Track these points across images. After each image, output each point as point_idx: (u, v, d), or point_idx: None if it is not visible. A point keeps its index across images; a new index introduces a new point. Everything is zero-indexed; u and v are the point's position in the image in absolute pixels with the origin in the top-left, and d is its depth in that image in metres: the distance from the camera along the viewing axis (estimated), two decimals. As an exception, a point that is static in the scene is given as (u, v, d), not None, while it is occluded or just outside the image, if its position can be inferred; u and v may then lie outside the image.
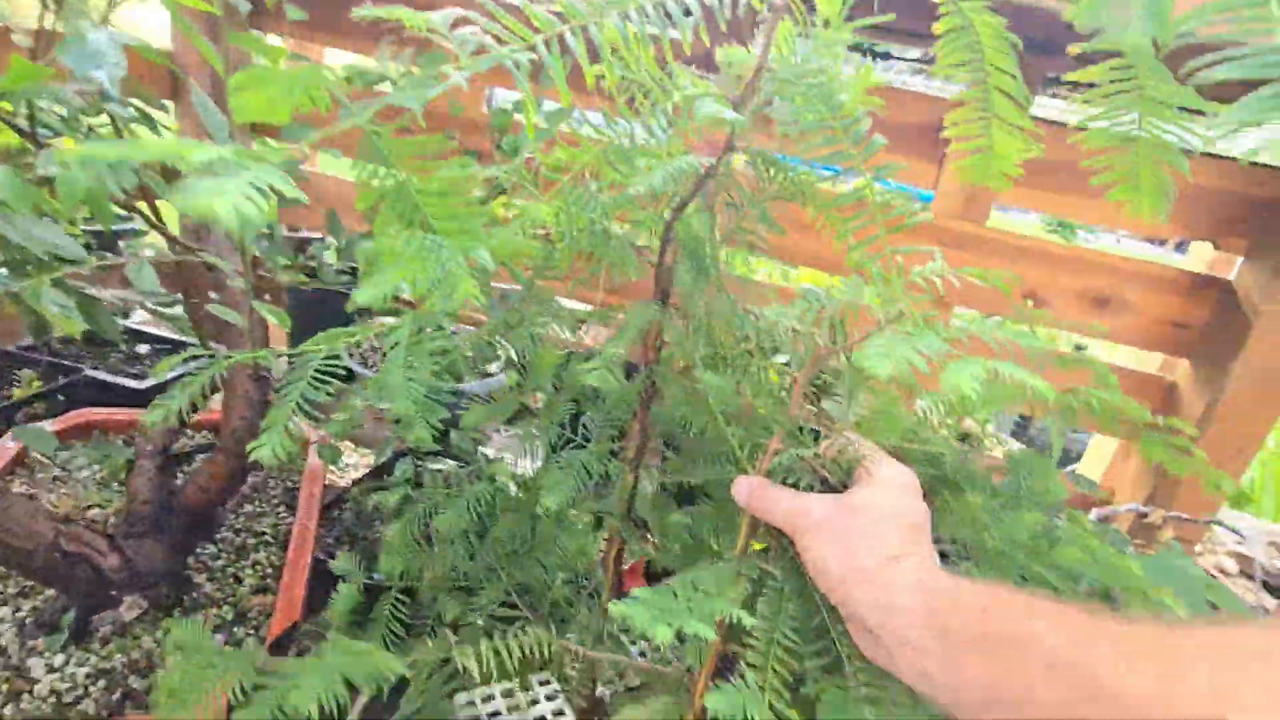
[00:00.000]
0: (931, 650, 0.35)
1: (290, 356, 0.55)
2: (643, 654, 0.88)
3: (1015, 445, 1.74)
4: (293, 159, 0.33)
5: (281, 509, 1.00)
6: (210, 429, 1.10)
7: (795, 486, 0.50)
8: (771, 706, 0.41)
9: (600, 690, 0.76)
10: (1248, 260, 1.33)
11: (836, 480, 0.49)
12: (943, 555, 0.51)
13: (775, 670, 0.44)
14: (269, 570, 0.86)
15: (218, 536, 0.89)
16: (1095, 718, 0.29)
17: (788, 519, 0.45)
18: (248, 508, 0.98)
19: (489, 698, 0.75)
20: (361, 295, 0.47)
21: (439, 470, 0.94)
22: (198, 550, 0.85)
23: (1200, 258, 1.47)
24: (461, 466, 1.09)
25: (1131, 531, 1.35)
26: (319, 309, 1.33)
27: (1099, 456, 1.57)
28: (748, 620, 0.42)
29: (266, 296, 0.78)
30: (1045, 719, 0.30)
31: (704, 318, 0.67)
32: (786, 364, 0.66)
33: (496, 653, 0.51)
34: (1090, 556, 0.49)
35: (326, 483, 1.31)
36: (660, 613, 0.39)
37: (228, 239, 0.79)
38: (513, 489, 1.06)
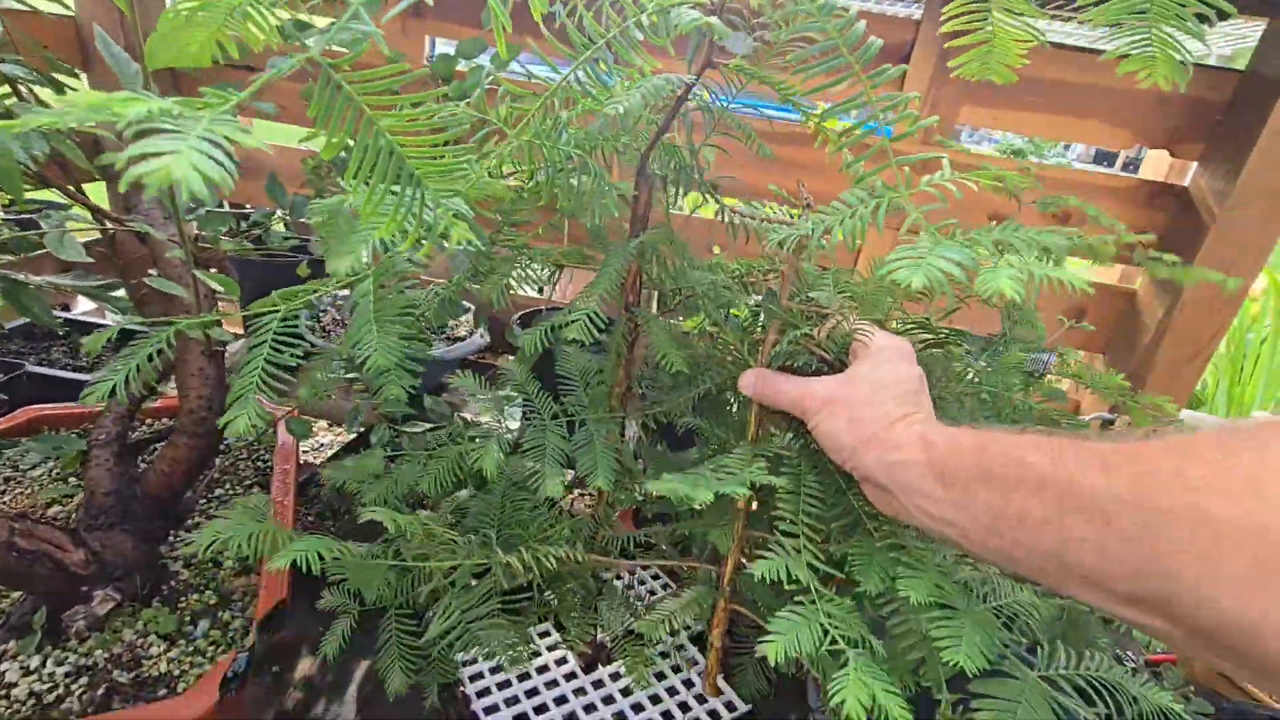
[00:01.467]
0: (938, 494, 0.39)
1: (247, 321, 0.51)
2: (640, 599, 0.88)
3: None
4: (243, 100, 0.29)
5: (255, 489, 0.96)
6: (169, 415, 1.05)
7: (796, 371, 0.53)
8: (809, 566, 0.46)
9: (601, 637, 0.76)
10: (1202, 166, 1.35)
11: (834, 358, 0.52)
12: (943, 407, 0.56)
13: (806, 535, 0.48)
14: (248, 552, 0.83)
15: (191, 522, 0.85)
16: (1079, 522, 0.31)
17: (796, 402, 0.48)
18: (219, 491, 0.94)
19: (490, 654, 0.74)
20: (338, 264, 0.43)
21: (418, 433, 0.91)
22: (170, 538, 0.81)
23: (1156, 169, 1.49)
24: (438, 429, 1.06)
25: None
26: (272, 281, 1.26)
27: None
28: (777, 481, 0.46)
29: (211, 270, 0.73)
30: (1045, 533, 0.33)
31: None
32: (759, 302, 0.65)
33: (537, 559, 0.54)
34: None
35: (303, 462, 1.27)
36: (698, 482, 0.43)
37: (159, 208, 0.73)
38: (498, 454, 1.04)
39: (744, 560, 0.62)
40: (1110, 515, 0.30)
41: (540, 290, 0.71)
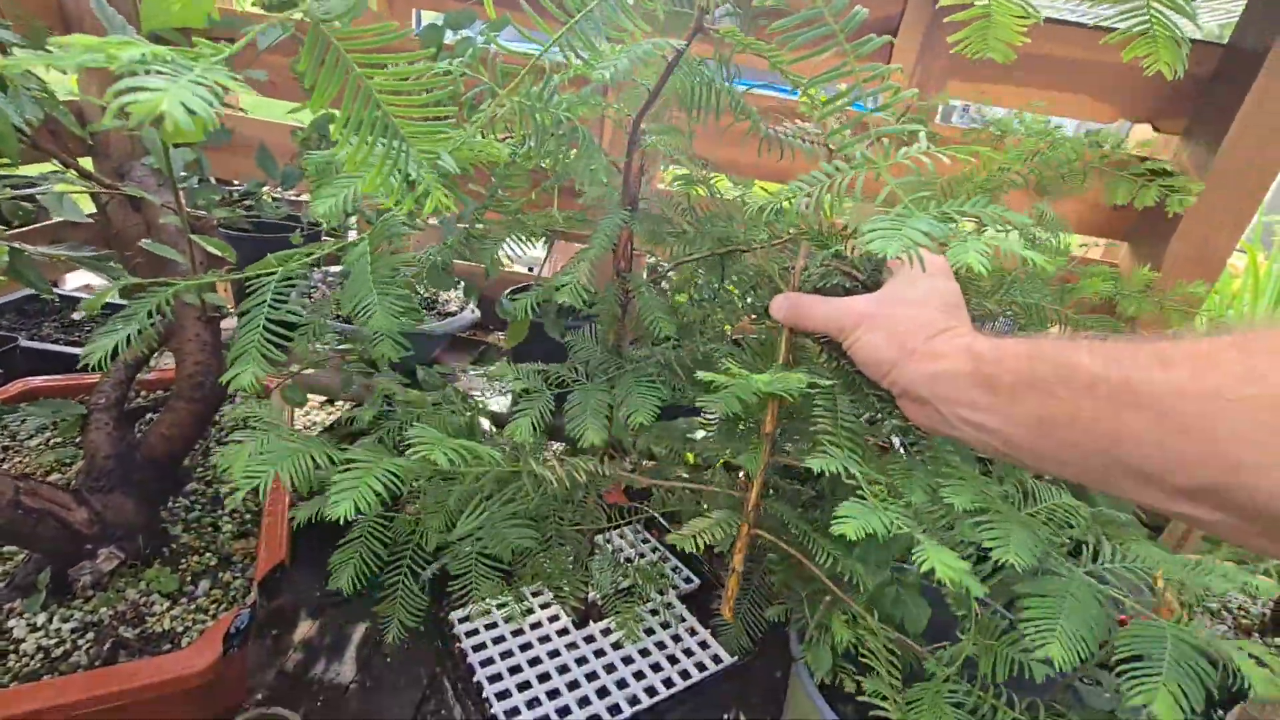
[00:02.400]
0: (982, 403, 0.38)
1: (244, 285, 0.52)
2: (629, 559, 0.91)
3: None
4: (234, 52, 0.30)
5: (250, 457, 0.97)
6: (164, 388, 1.06)
7: (828, 294, 0.51)
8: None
9: (592, 595, 0.79)
10: (1184, 139, 1.37)
11: (867, 277, 0.52)
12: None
13: (847, 445, 0.49)
14: (248, 516, 0.85)
15: (188, 489, 0.86)
16: (1134, 418, 0.31)
17: (831, 321, 0.47)
18: (214, 458, 0.95)
19: (486, 611, 0.77)
20: (319, 206, 0.44)
21: (409, 403, 0.92)
22: (169, 503, 0.83)
23: (1143, 137, 1.51)
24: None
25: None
26: (264, 253, 1.26)
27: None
28: (823, 382, 0.46)
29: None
30: (1097, 432, 0.32)
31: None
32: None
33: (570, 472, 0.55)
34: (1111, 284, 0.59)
35: (298, 427, 1.28)
36: (735, 390, 0.44)
37: (153, 175, 0.74)
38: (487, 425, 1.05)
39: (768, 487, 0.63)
40: (1169, 409, 0.30)
41: (530, 269, 0.73)
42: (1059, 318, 0.61)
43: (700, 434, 0.82)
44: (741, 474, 0.64)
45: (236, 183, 1.51)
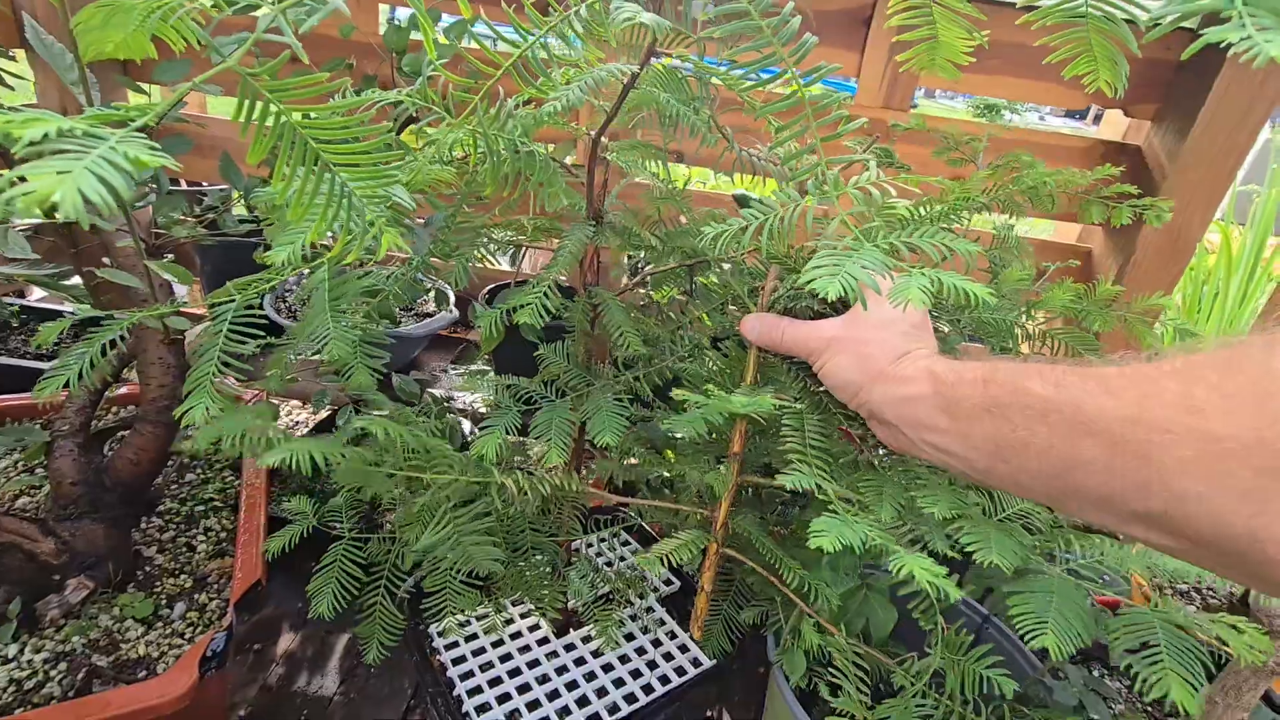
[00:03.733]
0: (943, 425, 0.39)
1: (210, 308, 0.51)
2: (609, 564, 0.91)
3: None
4: (163, 112, 0.29)
5: (227, 473, 0.97)
6: (133, 403, 1.04)
7: (796, 316, 0.53)
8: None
9: (572, 603, 0.79)
10: (1155, 125, 1.38)
11: (836, 299, 0.52)
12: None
13: (816, 462, 0.49)
14: (223, 534, 0.84)
15: (162, 508, 0.86)
16: (1087, 445, 0.32)
17: (801, 344, 0.49)
18: (189, 476, 0.94)
19: (465, 624, 0.77)
20: (277, 255, 0.44)
21: (383, 414, 0.92)
22: (142, 525, 0.82)
23: (1115, 128, 1.51)
24: (408, 406, 1.07)
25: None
26: (233, 263, 1.24)
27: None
28: (798, 405, 0.48)
29: (169, 256, 0.72)
30: (1052, 457, 0.33)
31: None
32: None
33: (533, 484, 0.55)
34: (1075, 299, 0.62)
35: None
36: (705, 411, 0.45)
37: (109, 192, 0.72)
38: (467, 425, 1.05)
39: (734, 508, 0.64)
40: (1118, 436, 0.30)
41: (513, 261, 0.72)
42: (1026, 334, 0.63)
43: (681, 434, 0.83)
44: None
45: (205, 185, 1.48)
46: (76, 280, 0.74)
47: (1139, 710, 0.86)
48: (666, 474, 0.80)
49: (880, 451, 0.55)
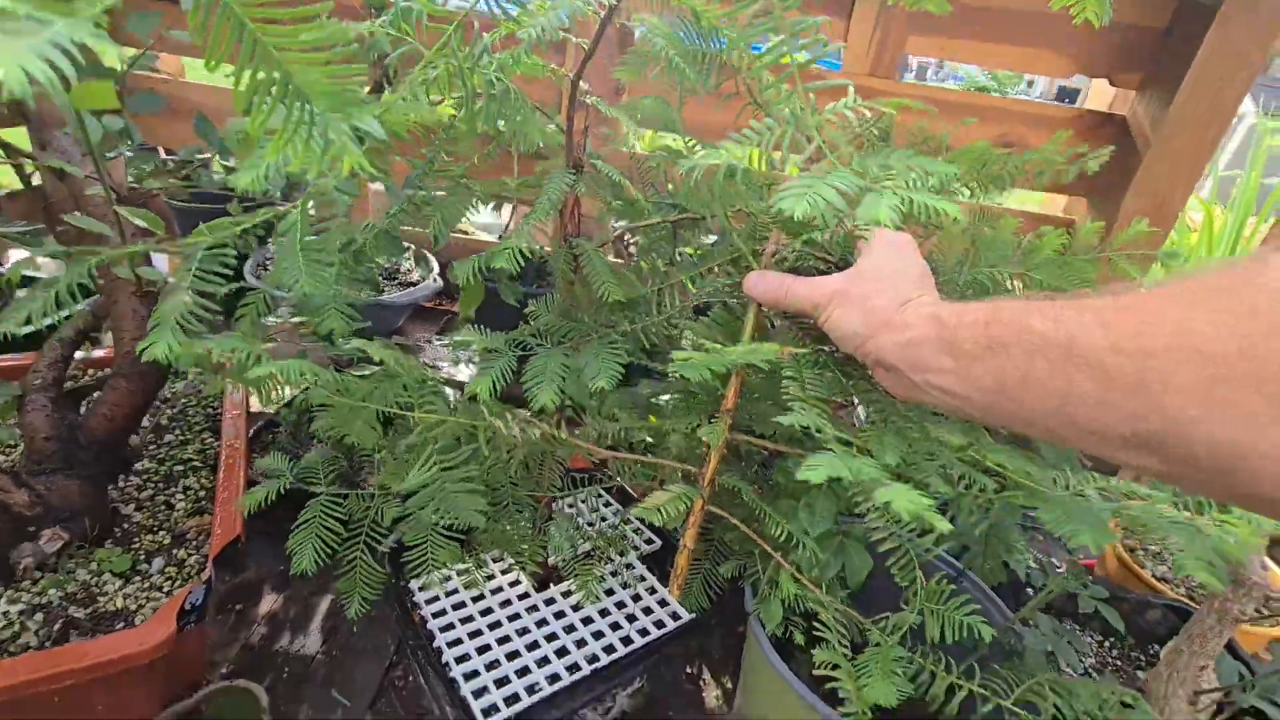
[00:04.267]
0: (947, 366, 0.40)
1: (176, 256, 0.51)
2: (590, 524, 0.92)
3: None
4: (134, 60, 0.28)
5: (206, 434, 0.96)
6: (110, 366, 1.03)
7: (800, 274, 0.53)
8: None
9: (553, 559, 0.80)
10: (1140, 94, 1.38)
11: (838, 259, 0.54)
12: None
13: (815, 407, 0.50)
14: (202, 493, 0.84)
15: (140, 467, 0.85)
16: (1081, 378, 0.32)
17: (805, 298, 0.49)
18: (168, 437, 0.93)
19: (446, 579, 0.78)
20: (242, 179, 0.43)
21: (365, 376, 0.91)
22: (120, 483, 0.81)
23: (1103, 100, 1.51)
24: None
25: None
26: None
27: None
28: (801, 350, 0.48)
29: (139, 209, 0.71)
30: (1049, 391, 0.34)
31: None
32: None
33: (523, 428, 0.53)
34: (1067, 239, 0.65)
35: (255, 411, 1.26)
36: (709, 360, 0.45)
37: (76, 146, 0.70)
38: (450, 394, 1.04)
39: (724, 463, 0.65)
40: (1111, 366, 0.31)
41: (500, 237, 0.71)
42: (1024, 283, 0.64)
43: (665, 398, 0.83)
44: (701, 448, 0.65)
45: (181, 152, 1.46)
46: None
47: (1108, 664, 0.88)
48: (649, 438, 0.81)
49: (876, 409, 0.56)
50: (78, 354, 0.96)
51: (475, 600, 0.76)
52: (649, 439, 0.84)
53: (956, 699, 0.56)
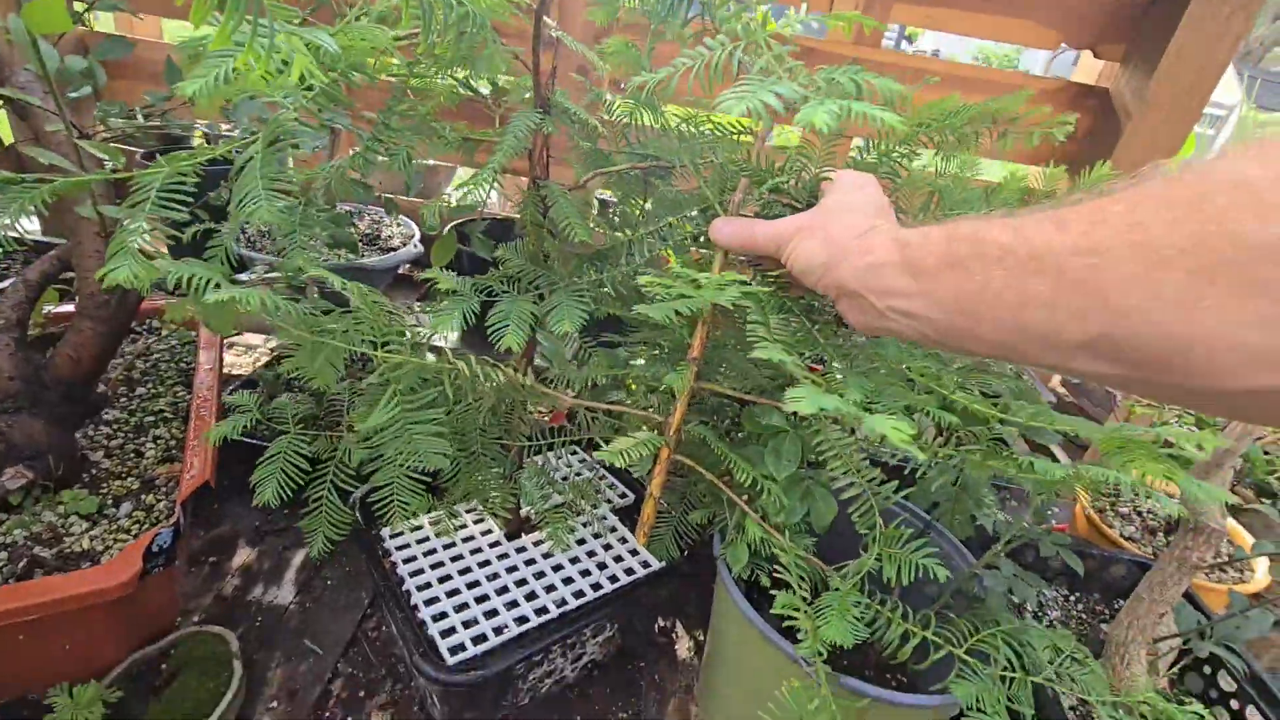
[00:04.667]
0: (910, 289, 0.40)
1: (129, 185, 0.50)
2: (564, 478, 0.92)
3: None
4: None
5: (179, 388, 0.96)
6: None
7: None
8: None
9: (525, 510, 0.80)
10: (1124, 66, 1.38)
11: (804, 205, 0.54)
12: None
13: (780, 345, 0.49)
14: (173, 443, 0.84)
15: (110, 417, 0.85)
16: (1035, 281, 0.32)
17: (771, 239, 0.50)
18: (140, 390, 0.93)
19: (417, 527, 0.78)
20: (189, 87, 0.42)
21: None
22: (89, 430, 0.81)
23: (1089, 74, 1.51)
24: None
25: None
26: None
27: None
28: (761, 290, 0.47)
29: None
30: (1005, 301, 0.34)
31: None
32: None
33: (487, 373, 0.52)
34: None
35: (236, 373, 1.25)
36: (675, 302, 0.45)
37: (38, 81, 0.69)
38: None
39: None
40: (1065, 267, 0.31)
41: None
42: None
43: (640, 361, 0.83)
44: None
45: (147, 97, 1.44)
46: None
47: (1072, 617, 0.89)
48: (619, 393, 0.81)
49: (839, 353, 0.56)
50: (47, 308, 0.95)
51: (446, 548, 0.76)
52: (619, 393, 0.84)
53: (910, 645, 0.57)
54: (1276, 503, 1.17)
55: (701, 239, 0.65)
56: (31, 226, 1.40)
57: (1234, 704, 0.76)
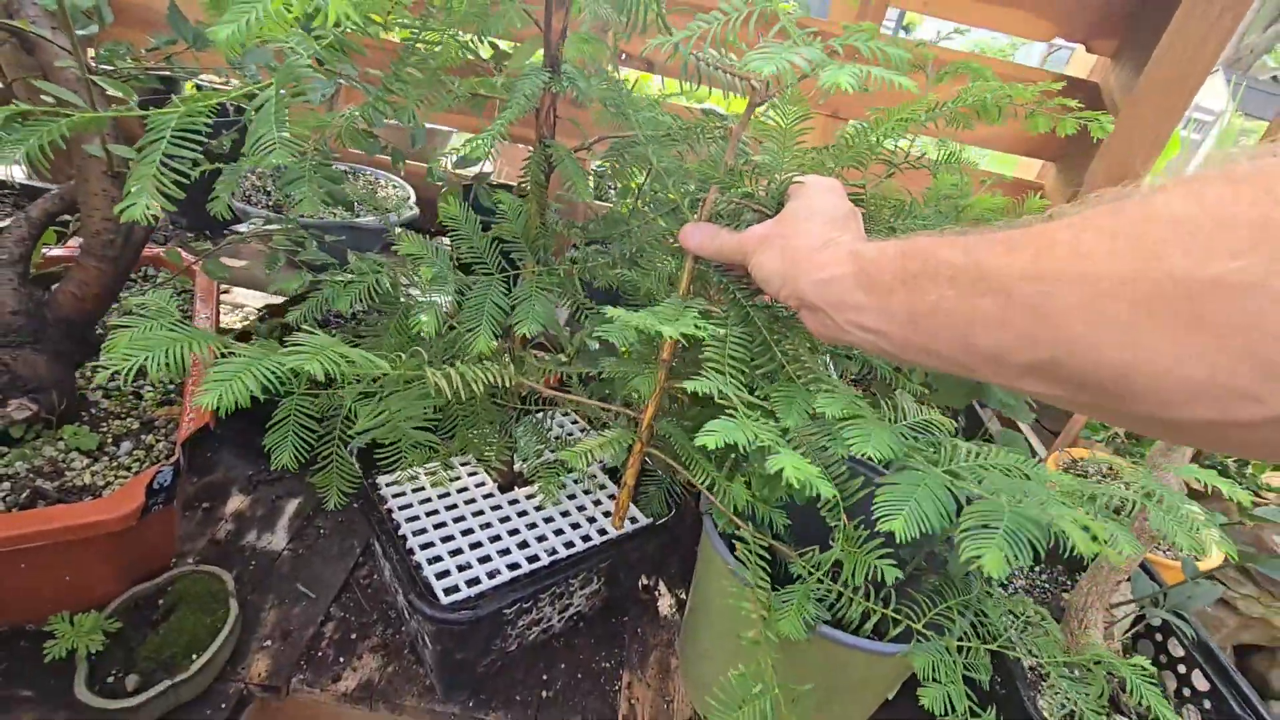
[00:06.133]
0: (865, 303, 0.41)
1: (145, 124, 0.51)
2: (557, 437, 0.94)
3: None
4: None
5: (174, 336, 0.96)
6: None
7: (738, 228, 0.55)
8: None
9: (519, 465, 0.82)
10: (1115, 61, 1.41)
11: (773, 210, 0.55)
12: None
13: (731, 372, 0.52)
14: (172, 388, 0.85)
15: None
16: (984, 303, 0.33)
17: (737, 249, 0.51)
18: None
19: (414, 476, 0.80)
20: (220, 32, 0.43)
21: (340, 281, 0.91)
22: (88, 371, 0.81)
23: (1083, 67, 1.53)
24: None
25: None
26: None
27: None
28: (704, 331, 0.48)
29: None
30: (955, 320, 0.35)
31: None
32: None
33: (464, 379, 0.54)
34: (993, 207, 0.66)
35: (231, 326, 1.26)
36: (631, 321, 0.47)
37: (47, 17, 0.69)
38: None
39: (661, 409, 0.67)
40: (1012, 292, 0.32)
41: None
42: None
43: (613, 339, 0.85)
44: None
45: (152, 38, 1.42)
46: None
47: (1036, 586, 0.94)
48: (611, 359, 0.83)
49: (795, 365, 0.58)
50: (44, 250, 0.95)
51: (441, 498, 0.78)
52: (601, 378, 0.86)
53: (870, 623, 0.60)
54: (1233, 485, 1.22)
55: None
56: (15, 173, 1.38)
57: (1181, 669, 0.81)
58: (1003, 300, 0.32)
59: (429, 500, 0.78)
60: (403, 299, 0.78)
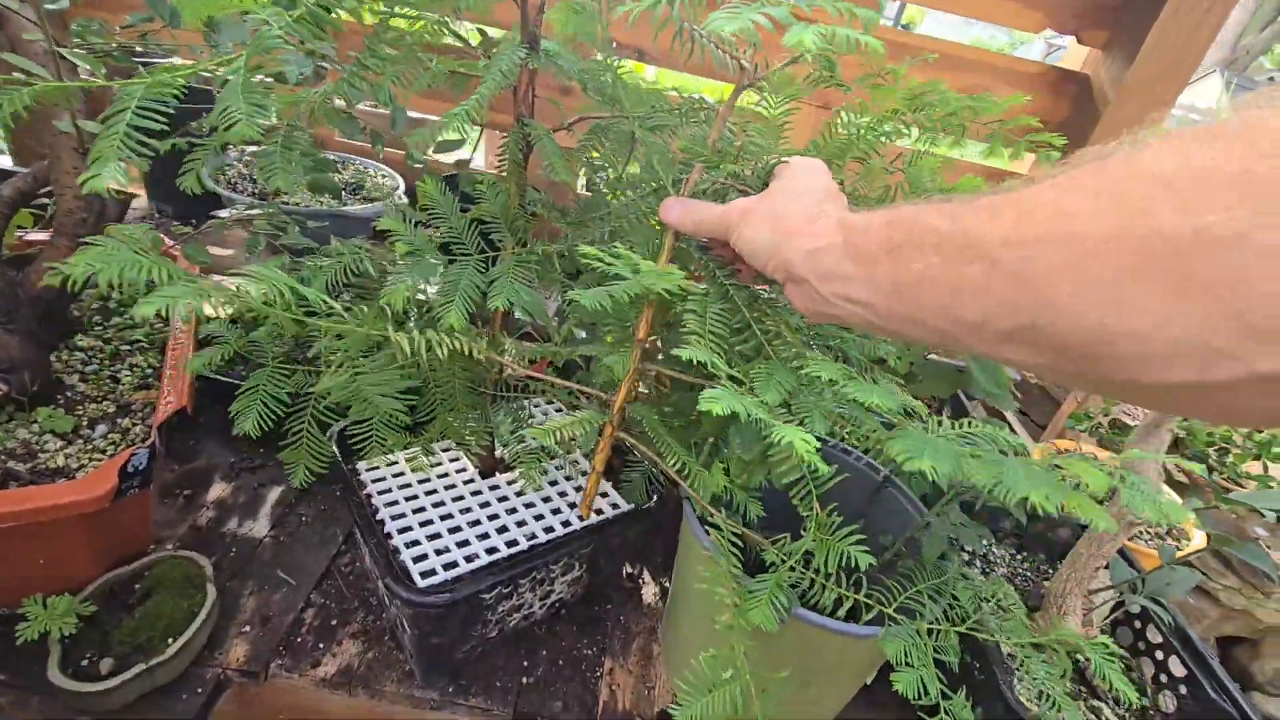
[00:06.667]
0: (851, 273, 0.40)
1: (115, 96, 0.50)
2: (539, 422, 0.94)
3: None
4: None
5: (155, 320, 0.95)
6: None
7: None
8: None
9: (500, 452, 0.82)
10: (1105, 52, 1.40)
11: (757, 190, 0.55)
12: None
13: (711, 347, 0.51)
14: (149, 371, 0.84)
15: (85, 344, 0.84)
16: (968, 270, 0.33)
17: (720, 222, 0.50)
18: (116, 320, 0.93)
19: (393, 462, 0.79)
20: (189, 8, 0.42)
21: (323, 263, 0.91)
22: (64, 357, 0.81)
23: (1075, 59, 1.53)
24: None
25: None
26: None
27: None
28: (696, 288, 0.48)
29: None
30: (940, 288, 0.35)
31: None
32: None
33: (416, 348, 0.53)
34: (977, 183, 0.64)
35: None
36: (614, 288, 0.46)
37: (18, -7, 0.68)
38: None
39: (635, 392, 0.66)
40: (996, 257, 0.31)
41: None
42: None
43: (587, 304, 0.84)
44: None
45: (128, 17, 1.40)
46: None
47: (1018, 574, 0.94)
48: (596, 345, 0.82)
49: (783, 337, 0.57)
50: (19, 233, 0.94)
51: (421, 483, 0.78)
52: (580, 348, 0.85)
53: (844, 608, 0.60)
54: (1211, 473, 1.23)
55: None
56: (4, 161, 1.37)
57: (1159, 655, 0.82)
58: (987, 266, 0.32)
59: (409, 486, 0.77)
60: (386, 285, 0.77)
